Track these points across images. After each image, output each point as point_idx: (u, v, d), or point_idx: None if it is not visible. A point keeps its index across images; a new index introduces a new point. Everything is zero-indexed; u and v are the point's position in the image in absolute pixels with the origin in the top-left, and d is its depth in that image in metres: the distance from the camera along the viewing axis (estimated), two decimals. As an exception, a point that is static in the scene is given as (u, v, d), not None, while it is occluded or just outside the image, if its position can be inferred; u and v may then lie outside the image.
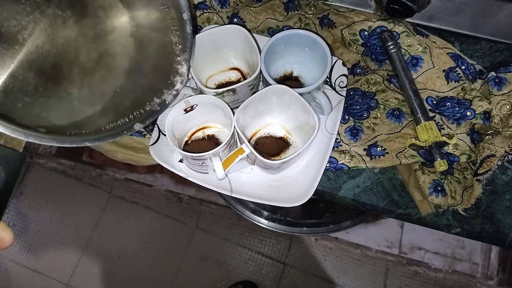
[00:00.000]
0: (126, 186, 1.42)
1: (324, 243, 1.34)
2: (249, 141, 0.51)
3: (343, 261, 1.33)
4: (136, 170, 1.41)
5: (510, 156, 0.51)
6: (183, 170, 0.51)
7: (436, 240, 1.30)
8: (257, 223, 1.16)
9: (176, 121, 0.48)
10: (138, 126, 0.42)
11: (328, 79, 0.54)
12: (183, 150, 0.48)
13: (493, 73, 0.53)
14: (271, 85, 0.47)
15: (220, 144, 0.45)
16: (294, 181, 0.50)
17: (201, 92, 0.48)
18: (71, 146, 0.37)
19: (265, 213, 1.12)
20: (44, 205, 1.43)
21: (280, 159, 0.45)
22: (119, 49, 0.46)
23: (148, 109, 0.44)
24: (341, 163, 0.51)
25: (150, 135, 0.52)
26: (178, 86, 0.44)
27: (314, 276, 1.32)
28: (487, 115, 0.51)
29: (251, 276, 1.32)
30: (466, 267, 1.29)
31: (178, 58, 0.44)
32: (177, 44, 0.44)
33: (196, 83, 0.47)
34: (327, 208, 1.06)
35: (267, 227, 1.16)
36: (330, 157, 0.51)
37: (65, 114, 0.41)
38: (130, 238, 1.38)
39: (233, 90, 0.47)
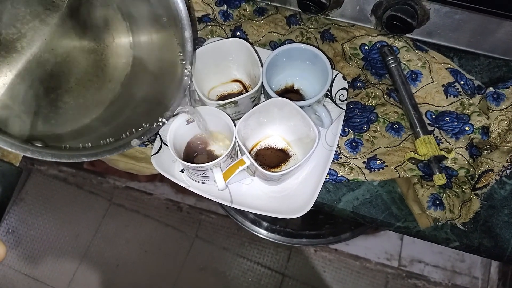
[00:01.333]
0: (127, 194, 1.42)
1: (324, 254, 1.33)
2: (249, 152, 0.52)
3: (343, 273, 1.32)
4: (137, 179, 1.42)
5: (508, 171, 0.52)
6: (184, 180, 0.51)
7: (436, 253, 1.30)
8: (256, 233, 1.16)
9: (178, 131, 0.48)
10: (135, 142, 0.42)
11: (328, 92, 0.55)
12: (184, 160, 0.49)
13: (491, 89, 0.54)
14: (272, 97, 0.48)
15: (221, 154, 0.46)
16: (294, 192, 0.51)
17: (203, 104, 0.49)
18: (68, 161, 0.37)
19: (265, 223, 1.12)
20: (44, 212, 1.43)
21: (280, 171, 0.45)
22: (118, 62, 0.46)
23: (146, 125, 0.44)
24: (340, 176, 0.52)
25: (152, 145, 0.53)
26: (177, 102, 0.44)
27: (312, 287, 1.31)
28: (485, 130, 0.52)
29: (250, 287, 1.31)
30: (466, 281, 1.28)
31: (179, 73, 0.44)
32: (178, 59, 0.45)
33: (198, 94, 0.48)
34: (326, 219, 1.06)
35: (266, 238, 1.15)
36: (330, 169, 0.52)
37: (61, 123, 0.41)
38: (129, 247, 1.38)
39: (235, 102, 0.48)
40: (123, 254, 1.37)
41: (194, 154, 0.52)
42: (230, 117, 0.50)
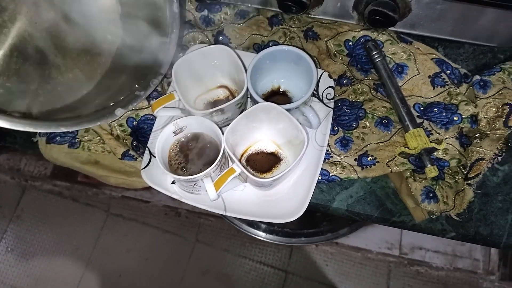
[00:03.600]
0: (124, 204, 1.41)
1: (325, 248, 1.34)
2: (240, 158, 0.52)
3: (345, 266, 1.32)
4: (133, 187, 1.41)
5: (499, 158, 0.52)
6: (176, 192, 0.51)
7: (435, 239, 1.30)
8: (254, 236, 1.16)
9: (166, 143, 0.48)
10: (119, 112, 0.41)
11: (315, 92, 0.55)
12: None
13: (477, 77, 0.54)
14: (258, 102, 0.47)
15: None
16: (287, 195, 0.51)
17: (189, 114, 0.48)
18: (46, 131, 0.36)
19: (263, 225, 1.12)
20: (42, 228, 1.42)
21: (271, 177, 0.45)
22: (107, 35, 0.44)
23: (130, 94, 0.42)
24: (333, 175, 0.52)
25: (142, 158, 0.52)
26: (163, 69, 0.43)
27: (316, 282, 1.32)
28: (474, 119, 0.52)
29: (254, 287, 1.32)
30: (467, 264, 1.29)
31: (164, 39, 0.42)
32: (163, 25, 0.43)
33: (184, 104, 0.47)
34: (324, 217, 1.06)
35: (265, 240, 1.15)
36: (322, 169, 0.51)
37: (51, 100, 0.40)
38: (130, 256, 1.37)
39: (221, 110, 0.47)
40: (125, 264, 1.36)
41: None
42: (218, 124, 0.50)
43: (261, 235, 1.14)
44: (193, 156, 0.49)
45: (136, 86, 0.43)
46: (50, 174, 1.45)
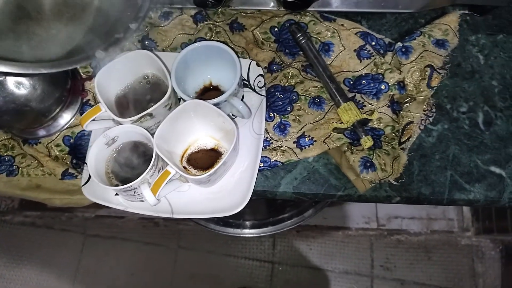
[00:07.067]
0: (99, 223, 1.40)
1: (306, 233, 1.35)
2: (181, 159, 0.52)
3: (328, 246, 1.34)
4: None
5: (430, 119, 0.54)
6: (121, 203, 0.50)
7: (409, 207, 1.34)
8: (223, 232, 1.16)
9: (100, 156, 0.48)
10: (99, 54, 0.40)
11: (247, 82, 0.55)
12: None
13: (399, 44, 0.55)
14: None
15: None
16: (232, 188, 0.51)
17: (118, 123, 0.48)
18: (24, 72, 0.35)
19: (231, 221, 1.13)
20: (20, 261, 1.39)
21: (208, 172, 0.45)
22: None
23: (111, 38, 0.41)
24: (274, 161, 0.52)
25: (81, 175, 0.52)
26: (143, 11, 0.42)
27: (303, 267, 1.33)
28: (401, 85, 0.53)
29: (243, 283, 1.32)
30: (443, 225, 1.33)
31: None
32: None
33: (110, 115, 0.47)
34: (285, 202, 1.07)
35: (234, 235, 1.16)
36: (263, 156, 0.52)
37: (34, 57, 0.39)
38: (115, 274, 1.36)
39: (150, 115, 0.47)
40: (111, 283, 1.35)
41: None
42: (152, 129, 0.49)
43: (229, 231, 1.14)
44: (130, 164, 0.49)
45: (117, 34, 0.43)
46: (18, 206, 1.42)
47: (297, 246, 1.35)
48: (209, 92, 0.55)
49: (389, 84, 0.53)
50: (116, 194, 0.51)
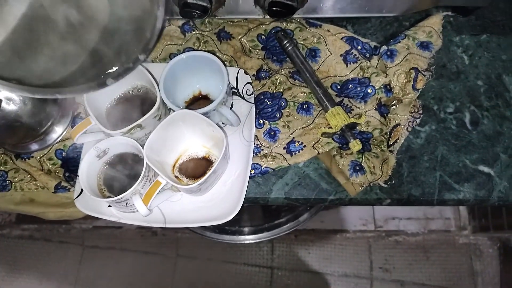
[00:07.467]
0: (97, 234, 1.40)
1: (304, 237, 1.35)
2: (173, 169, 0.52)
3: (326, 250, 1.35)
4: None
5: (418, 120, 0.54)
6: (114, 214, 0.51)
7: (406, 207, 1.34)
8: (220, 240, 1.16)
9: (92, 169, 0.48)
10: (110, 82, 0.41)
11: (235, 90, 0.56)
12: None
13: (384, 47, 0.56)
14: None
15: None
16: (224, 195, 0.51)
17: (108, 135, 0.49)
18: (43, 97, 0.37)
19: (226, 228, 1.13)
20: (18, 275, 1.38)
21: (199, 181, 0.46)
22: (93, 10, 0.44)
23: (120, 67, 0.43)
24: (265, 167, 0.53)
25: (74, 188, 0.52)
26: (151, 44, 0.44)
27: (302, 272, 1.34)
28: (388, 88, 0.54)
29: (243, 289, 1.32)
30: (440, 224, 1.33)
31: (152, 14, 0.43)
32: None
33: (100, 127, 0.47)
34: (280, 207, 1.07)
35: (231, 241, 1.16)
36: (254, 163, 0.52)
37: (41, 75, 0.40)
38: (113, 285, 1.35)
39: (139, 126, 0.48)
40: (110, 293, 1.34)
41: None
42: (143, 140, 0.50)
43: (225, 238, 1.15)
44: (121, 175, 0.49)
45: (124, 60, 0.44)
46: (15, 220, 1.42)
47: (295, 250, 1.35)
48: (198, 101, 0.56)
49: (376, 88, 0.53)
50: (109, 206, 0.51)
